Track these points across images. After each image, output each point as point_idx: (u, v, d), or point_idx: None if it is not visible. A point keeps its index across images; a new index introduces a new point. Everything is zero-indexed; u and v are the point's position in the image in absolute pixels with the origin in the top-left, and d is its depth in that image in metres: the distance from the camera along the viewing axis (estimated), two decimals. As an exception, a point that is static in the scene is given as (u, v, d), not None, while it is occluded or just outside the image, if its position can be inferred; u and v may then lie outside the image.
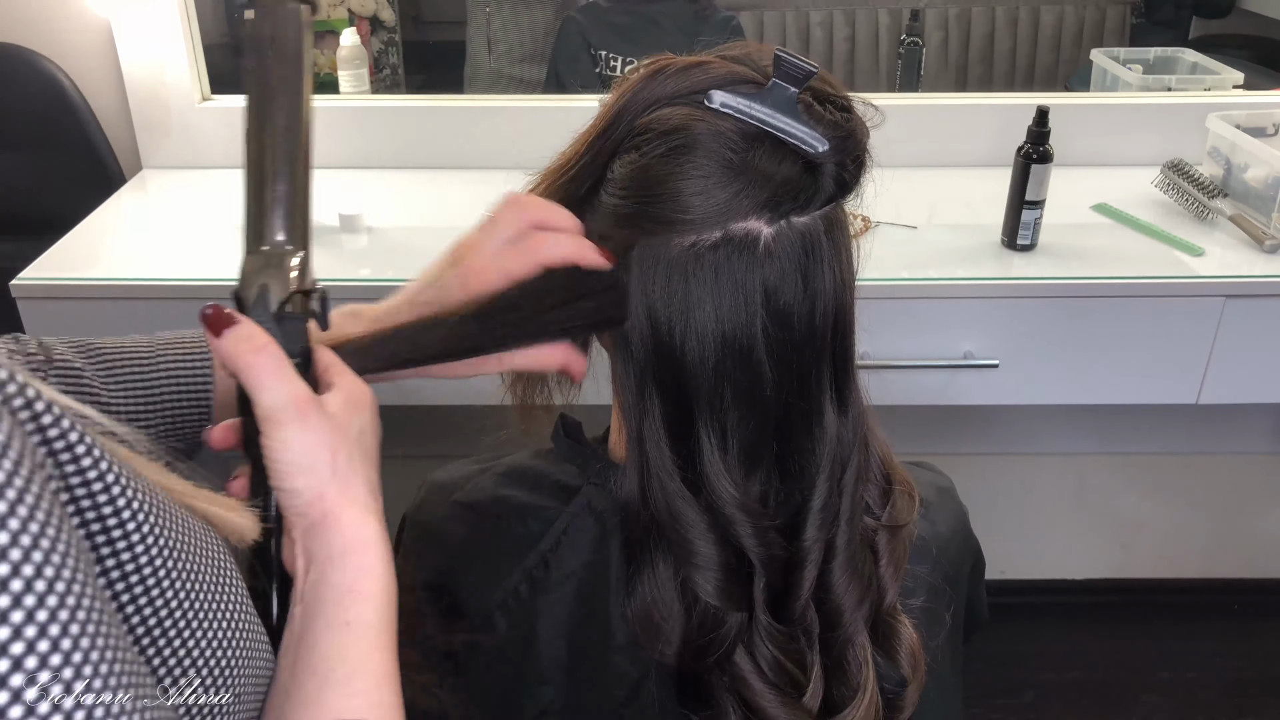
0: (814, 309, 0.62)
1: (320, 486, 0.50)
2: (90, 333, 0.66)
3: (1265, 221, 1.58)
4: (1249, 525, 2.15)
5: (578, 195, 0.65)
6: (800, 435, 0.64)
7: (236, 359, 0.51)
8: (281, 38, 0.58)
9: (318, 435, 0.51)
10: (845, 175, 0.62)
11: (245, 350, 0.51)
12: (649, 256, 0.61)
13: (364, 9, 2.19)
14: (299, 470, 0.50)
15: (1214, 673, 2.05)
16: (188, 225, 1.64)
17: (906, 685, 0.71)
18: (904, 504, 0.72)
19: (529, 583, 0.71)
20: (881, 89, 2.70)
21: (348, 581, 0.50)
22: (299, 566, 0.51)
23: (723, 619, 0.65)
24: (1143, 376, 1.54)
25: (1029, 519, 2.13)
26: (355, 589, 0.50)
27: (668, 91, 0.62)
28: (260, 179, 0.56)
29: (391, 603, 0.51)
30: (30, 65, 1.77)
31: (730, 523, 0.63)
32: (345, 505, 0.51)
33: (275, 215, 0.55)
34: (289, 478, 0.50)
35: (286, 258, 0.55)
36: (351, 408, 0.53)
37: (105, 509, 0.42)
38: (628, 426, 0.65)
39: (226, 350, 0.51)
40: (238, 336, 0.51)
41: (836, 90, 0.63)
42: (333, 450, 0.51)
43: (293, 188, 0.56)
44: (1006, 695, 2.00)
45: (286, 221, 0.56)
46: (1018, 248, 1.55)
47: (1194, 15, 2.82)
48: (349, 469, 0.52)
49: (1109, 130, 1.83)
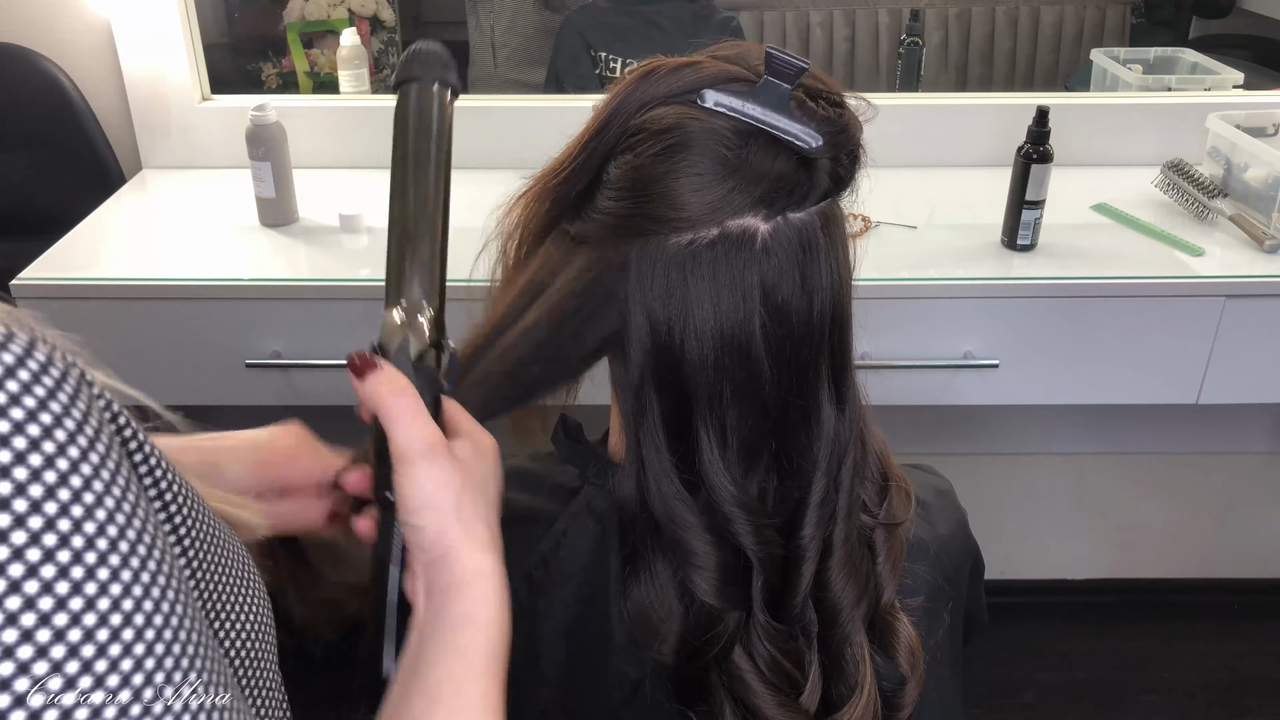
0: (812, 305, 0.62)
1: (444, 523, 0.53)
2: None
3: (1265, 221, 1.58)
4: (1249, 525, 2.15)
5: (570, 197, 0.65)
6: (798, 432, 0.65)
7: (379, 400, 0.55)
8: (426, 115, 0.65)
9: (446, 476, 0.54)
10: (840, 170, 0.62)
11: (387, 393, 0.55)
12: (646, 256, 0.61)
13: (364, 9, 2.19)
14: (426, 507, 0.54)
15: (1214, 673, 2.05)
16: (188, 225, 1.64)
17: (905, 684, 0.71)
18: (900, 501, 0.72)
19: (528, 584, 0.71)
20: (881, 89, 2.70)
21: (464, 610, 0.52)
22: (419, 598, 0.54)
23: (720, 618, 0.65)
24: (1143, 376, 1.54)
25: (1029, 519, 2.13)
26: (471, 616, 0.52)
27: (660, 92, 0.62)
28: (401, 242, 0.61)
29: (504, 634, 0.54)
30: (30, 65, 1.78)
31: (728, 520, 0.64)
32: (466, 542, 0.54)
33: (414, 276, 0.60)
34: (417, 514, 0.54)
35: (422, 314, 0.60)
36: (479, 455, 0.57)
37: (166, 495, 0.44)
38: (626, 426, 0.65)
39: (369, 392, 0.55)
40: (380, 380, 0.55)
41: (829, 86, 0.63)
42: (459, 491, 0.54)
43: (430, 252, 0.61)
44: (1006, 695, 2.00)
45: (424, 282, 0.61)
46: (1018, 248, 1.55)
47: (1194, 15, 2.82)
48: (472, 511, 0.55)
49: (1109, 130, 1.83)
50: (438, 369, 0.59)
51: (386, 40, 2.27)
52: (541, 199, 0.67)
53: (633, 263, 0.61)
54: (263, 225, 1.62)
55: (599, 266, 0.63)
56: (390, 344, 0.58)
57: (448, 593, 0.53)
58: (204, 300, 1.47)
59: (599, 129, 0.63)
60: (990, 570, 0.90)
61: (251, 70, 2.21)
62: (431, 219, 0.62)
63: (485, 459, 0.58)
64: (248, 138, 1.57)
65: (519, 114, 1.84)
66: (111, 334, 1.48)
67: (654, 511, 0.64)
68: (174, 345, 1.50)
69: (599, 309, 0.63)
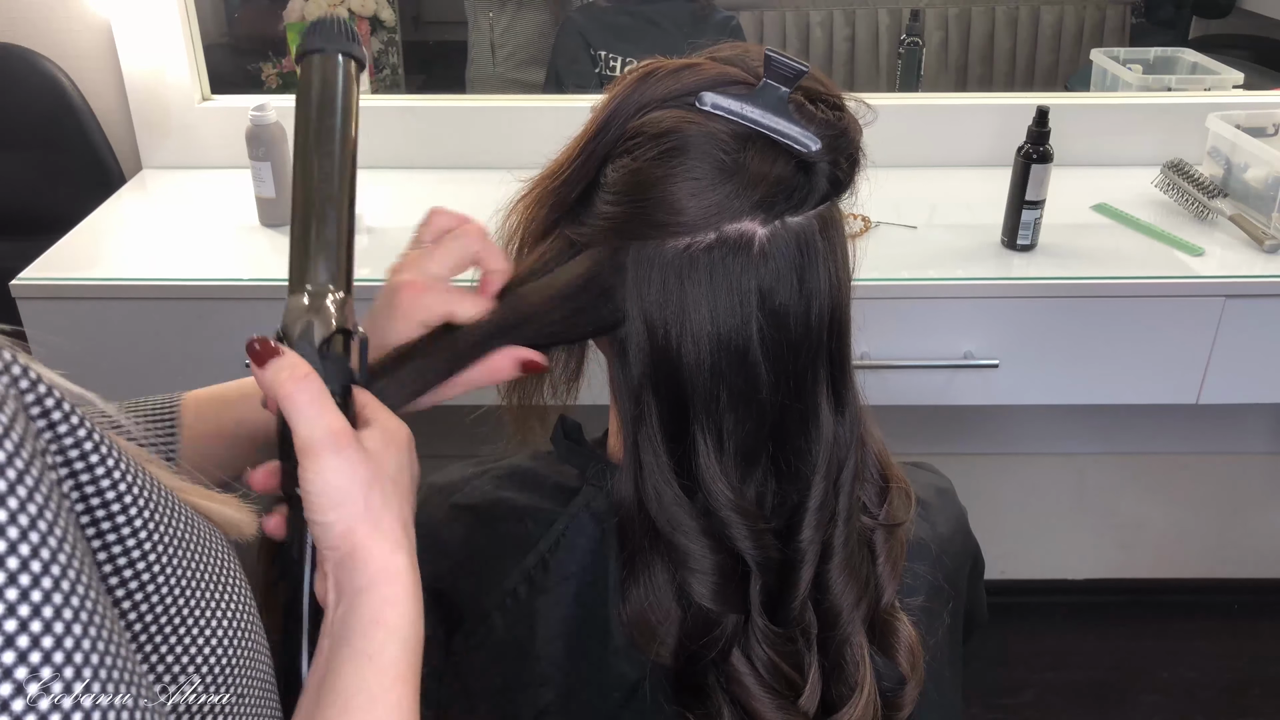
0: (810, 309, 0.62)
1: (352, 520, 0.51)
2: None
3: (1265, 221, 1.58)
4: (1249, 525, 2.15)
5: (569, 200, 0.65)
6: (796, 436, 0.64)
7: (278, 388, 0.51)
8: (329, 88, 0.61)
9: (353, 469, 0.51)
10: (839, 174, 0.61)
11: (287, 379, 0.51)
12: (644, 260, 0.60)
13: (364, 9, 2.19)
14: (332, 503, 0.51)
15: (1214, 673, 2.05)
16: (188, 225, 1.64)
17: (905, 683, 0.71)
18: (900, 502, 0.72)
19: (528, 584, 0.71)
20: (881, 89, 2.70)
21: (372, 614, 0.50)
22: (329, 600, 0.52)
23: (718, 621, 0.65)
24: (1143, 376, 1.54)
25: (1029, 519, 2.13)
26: (380, 620, 0.50)
27: (659, 94, 0.61)
28: (305, 223, 0.59)
29: (416, 636, 0.51)
30: (30, 65, 1.78)
31: (726, 525, 0.63)
32: (376, 540, 0.51)
33: (319, 258, 0.58)
34: (322, 510, 0.51)
35: (329, 298, 0.57)
36: (389, 445, 0.54)
37: (109, 494, 0.42)
38: (624, 429, 0.65)
39: (269, 380, 0.52)
40: (280, 366, 0.52)
41: (828, 89, 0.62)
42: (367, 485, 0.51)
43: (336, 232, 0.59)
44: (1006, 695, 2.00)
45: (330, 264, 0.58)
46: (1018, 248, 1.55)
47: (1194, 15, 2.82)
48: (382, 505, 0.52)
49: (1109, 130, 1.83)
50: (346, 356, 0.56)
51: (386, 40, 2.27)
52: (541, 202, 0.67)
53: (630, 266, 0.61)
54: (263, 225, 1.61)
55: (595, 269, 0.62)
56: (293, 330, 0.55)
57: (357, 595, 0.50)
58: (204, 300, 1.47)
59: (597, 131, 0.63)
60: (990, 570, 0.90)
61: (251, 70, 2.21)
62: (336, 198, 0.59)
63: (397, 449, 0.55)
64: (248, 138, 1.57)
65: (519, 114, 1.84)
66: (111, 334, 1.48)
67: (652, 514, 0.64)
68: (174, 345, 1.50)
69: (591, 307, 0.63)
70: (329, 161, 0.60)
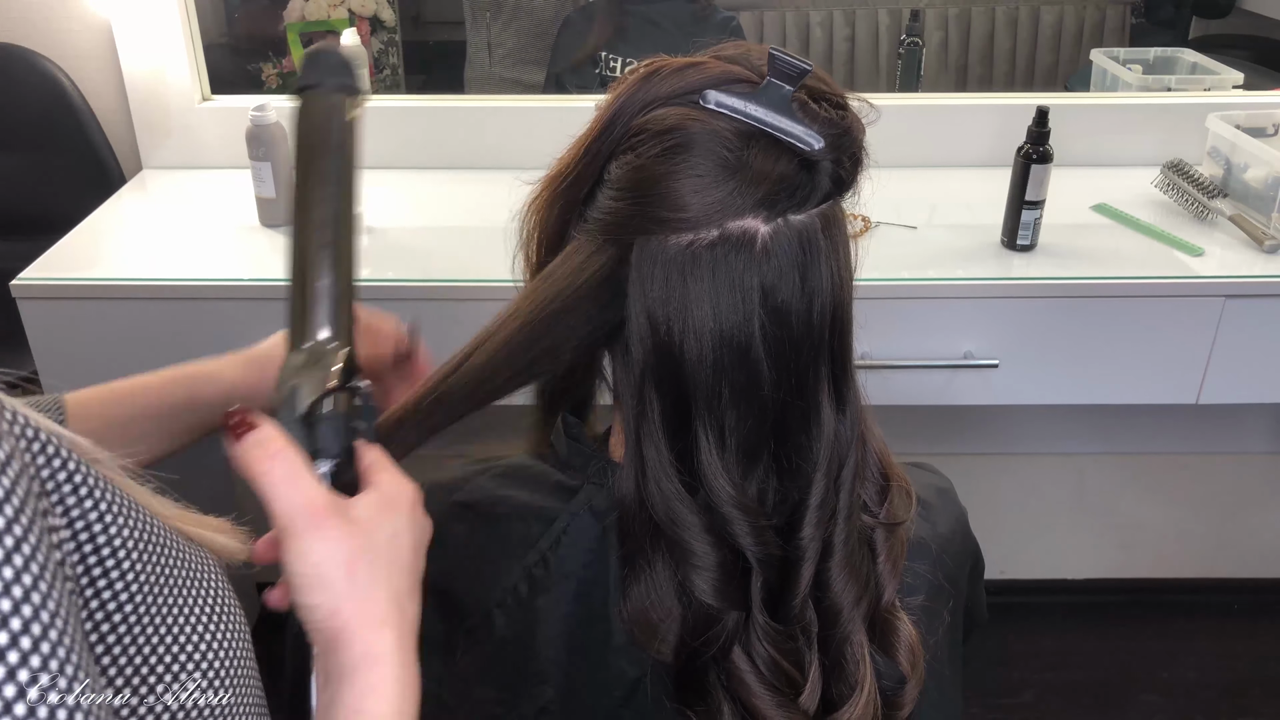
0: (811, 307, 0.62)
1: (335, 602, 0.48)
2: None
3: (1265, 221, 1.58)
4: (1249, 525, 2.15)
5: (579, 199, 0.65)
6: (798, 433, 0.65)
7: (251, 465, 0.49)
8: (324, 128, 0.58)
9: (333, 546, 0.48)
10: (841, 173, 0.62)
11: (257, 457, 0.48)
12: (646, 256, 0.61)
13: (364, 9, 2.19)
14: (313, 585, 0.48)
15: (1214, 673, 2.05)
16: (188, 225, 1.64)
17: (905, 682, 0.71)
18: (901, 501, 0.72)
19: (528, 582, 0.71)
20: (881, 89, 2.70)
21: (355, 703, 0.48)
22: (318, 684, 0.50)
23: (719, 618, 0.65)
24: (1143, 376, 1.54)
25: (1029, 519, 2.13)
26: (361, 710, 0.47)
27: (663, 92, 0.62)
28: (303, 273, 0.56)
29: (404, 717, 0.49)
30: (30, 65, 1.78)
31: (727, 521, 0.63)
32: (360, 621, 0.48)
33: (318, 311, 0.55)
34: (304, 592, 0.48)
35: (328, 355, 0.54)
36: (384, 510, 0.51)
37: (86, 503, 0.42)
38: (626, 425, 0.65)
39: (241, 457, 0.49)
40: (251, 443, 0.49)
41: (832, 88, 0.63)
42: (350, 561, 0.48)
43: (335, 281, 0.56)
44: (1006, 695, 2.00)
45: (330, 317, 0.55)
46: (1017, 248, 1.55)
47: (1194, 15, 2.82)
48: (369, 580, 0.49)
49: (1109, 130, 1.83)
50: (349, 413, 0.53)
51: (386, 40, 2.27)
52: (552, 204, 0.67)
53: (633, 262, 0.61)
54: (263, 225, 1.61)
55: (599, 265, 0.63)
56: (279, 396, 0.52)
57: (341, 680, 0.48)
58: (204, 300, 1.47)
59: (602, 129, 0.63)
60: (990, 570, 0.90)
61: (251, 70, 2.21)
62: (333, 245, 0.56)
63: (394, 512, 0.52)
64: (248, 138, 1.57)
65: (519, 114, 1.84)
66: (111, 334, 1.48)
67: (653, 511, 0.64)
68: (174, 345, 1.50)
69: (597, 306, 0.63)
70: (324, 207, 0.57)
